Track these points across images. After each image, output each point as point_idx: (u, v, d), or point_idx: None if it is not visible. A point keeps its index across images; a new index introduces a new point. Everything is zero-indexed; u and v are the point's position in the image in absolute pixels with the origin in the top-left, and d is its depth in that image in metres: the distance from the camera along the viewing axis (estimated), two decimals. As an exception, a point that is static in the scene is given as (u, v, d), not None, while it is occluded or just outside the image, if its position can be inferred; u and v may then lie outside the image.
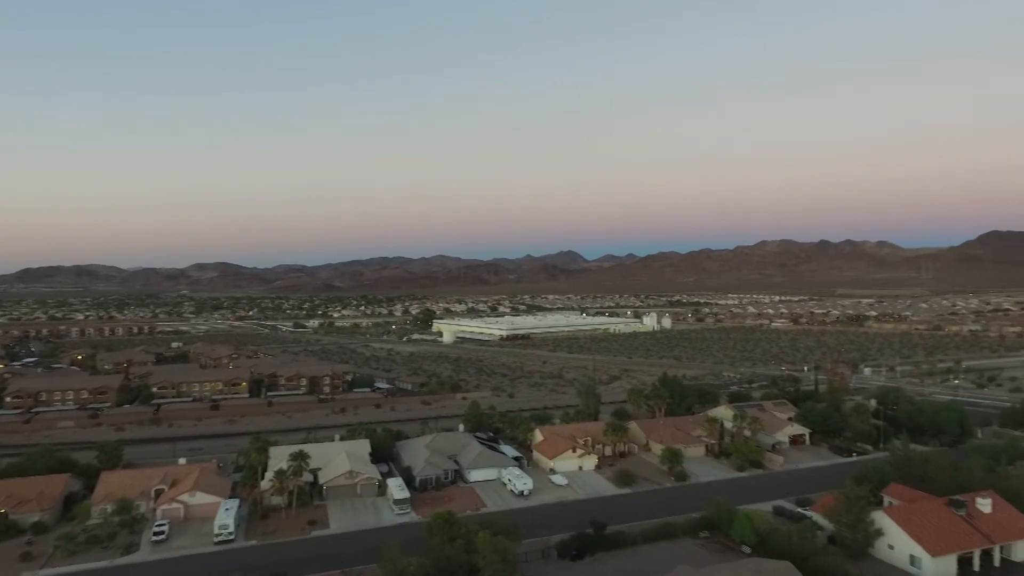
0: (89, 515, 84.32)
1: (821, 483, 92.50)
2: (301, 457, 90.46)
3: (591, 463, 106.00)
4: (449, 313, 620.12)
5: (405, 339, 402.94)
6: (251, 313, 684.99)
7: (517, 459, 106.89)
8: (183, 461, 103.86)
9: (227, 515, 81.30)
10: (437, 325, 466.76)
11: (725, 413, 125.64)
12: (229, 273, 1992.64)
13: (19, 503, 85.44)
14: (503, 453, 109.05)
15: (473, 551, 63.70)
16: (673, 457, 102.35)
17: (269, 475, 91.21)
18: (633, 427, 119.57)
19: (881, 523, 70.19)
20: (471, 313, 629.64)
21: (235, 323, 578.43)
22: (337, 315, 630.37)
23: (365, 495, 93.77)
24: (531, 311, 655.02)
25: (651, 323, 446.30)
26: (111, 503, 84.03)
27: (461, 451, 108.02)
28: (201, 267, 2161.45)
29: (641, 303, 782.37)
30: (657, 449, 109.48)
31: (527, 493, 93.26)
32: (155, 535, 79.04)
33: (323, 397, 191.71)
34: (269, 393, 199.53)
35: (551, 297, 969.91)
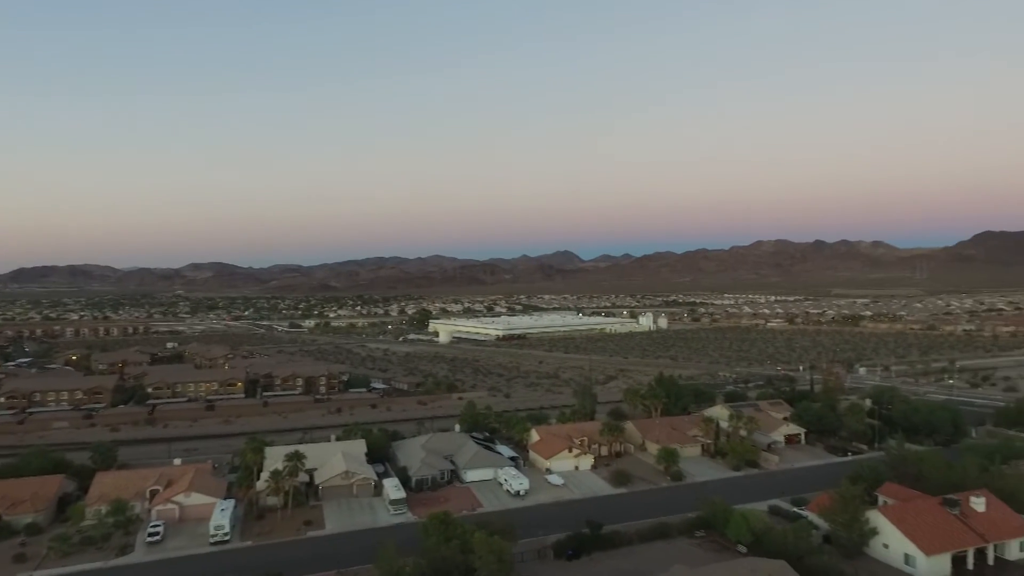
0: (83, 516, 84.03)
1: (816, 482, 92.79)
2: (297, 457, 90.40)
3: (587, 463, 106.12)
4: (445, 313, 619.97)
5: (401, 339, 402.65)
6: (247, 313, 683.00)
7: (513, 459, 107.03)
8: (178, 462, 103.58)
9: (223, 516, 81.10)
10: (433, 325, 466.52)
11: (721, 413, 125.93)
12: (224, 273, 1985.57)
13: (13, 504, 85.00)
14: (499, 453, 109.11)
15: (469, 551, 63.72)
16: (669, 457, 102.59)
17: (265, 476, 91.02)
18: (629, 427, 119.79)
19: (876, 522, 70.49)
20: (467, 313, 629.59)
21: (231, 323, 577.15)
22: (333, 315, 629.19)
23: (361, 495, 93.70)
24: (527, 311, 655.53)
25: (647, 323, 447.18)
26: (106, 504, 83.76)
27: (457, 451, 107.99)
28: (196, 267, 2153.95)
29: (637, 303, 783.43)
30: (653, 449, 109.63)
31: (523, 493, 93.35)
32: (150, 536, 78.79)
33: (319, 397, 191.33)
34: (265, 393, 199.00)
35: (547, 297, 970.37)
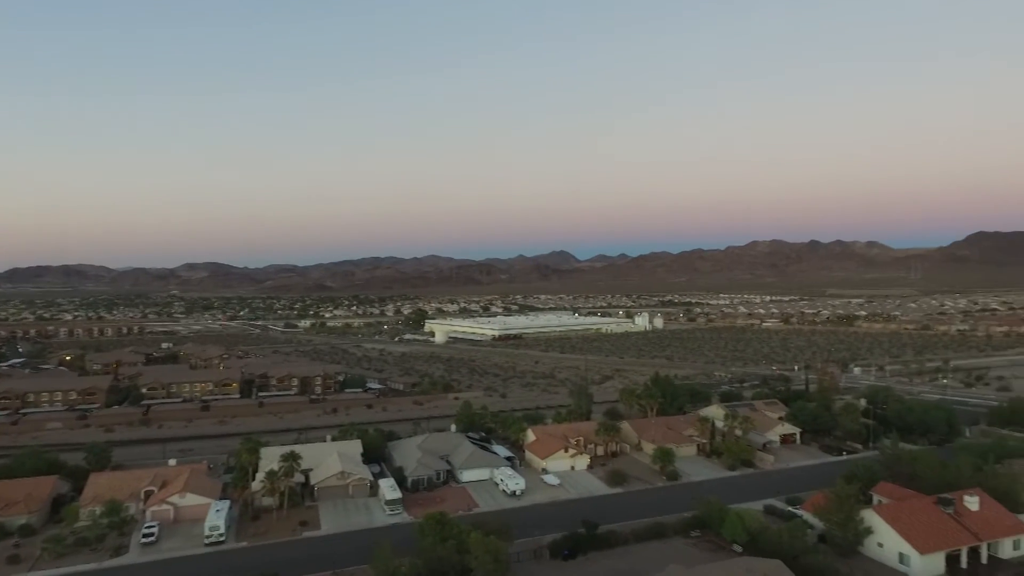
0: (77, 517, 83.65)
1: (811, 482, 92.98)
2: (292, 458, 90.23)
3: (583, 463, 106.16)
4: (441, 313, 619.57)
5: (397, 339, 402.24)
6: (242, 313, 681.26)
7: (509, 459, 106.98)
8: (173, 462, 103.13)
9: (218, 516, 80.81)
10: (429, 325, 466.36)
11: (716, 412, 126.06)
12: (219, 273, 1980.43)
13: (6, 505, 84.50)
14: (495, 453, 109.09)
15: (465, 551, 63.72)
16: (665, 456, 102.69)
17: (260, 476, 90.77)
18: (625, 427, 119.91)
19: (871, 521, 70.73)
20: (463, 313, 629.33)
21: (226, 323, 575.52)
22: (329, 315, 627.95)
23: (357, 496, 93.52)
24: (523, 311, 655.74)
25: (643, 323, 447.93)
26: (100, 505, 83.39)
27: (453, 451, 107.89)
28: (191, 267, 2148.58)
29: (633, 303, 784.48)
30: (649, 449, 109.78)
31: (519, 493, 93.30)
32: (144, 537, 78.47)
33: (314, 397, 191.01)
34: (260, 394, 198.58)
35: (543, 297, 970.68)
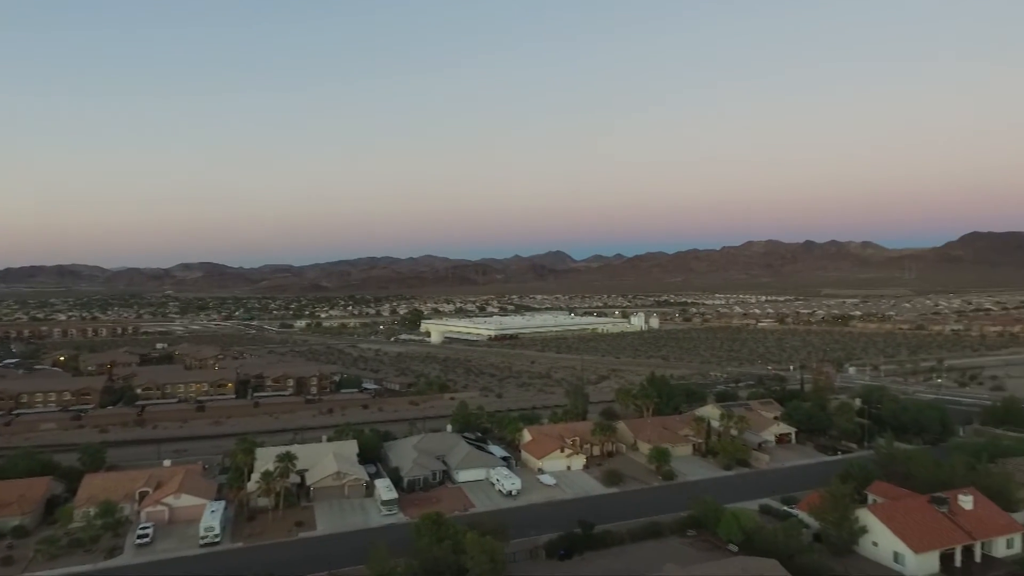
0: (71, 518, 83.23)
1: (807, 481, 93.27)
2: (288, 458, 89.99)
3: (579, 463, 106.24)
4: (437, 313, 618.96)
5: (393, 339, 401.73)
6: (237, 313, 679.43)
7: (505, 459, 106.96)
8: (168, 463, 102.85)
9: (213, 517, 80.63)
10: (425, 325, 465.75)
11: (712, 412, 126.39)
12: (214, 273, 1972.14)
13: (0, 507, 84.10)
14: (491, 453, 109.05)
15: (461, 552, 63.71)
16: (661, 456, 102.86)
17: (255, 477, 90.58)
18: (621, 427, 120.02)
19: (865, 520, 70.99)
20: (459, 313, 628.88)
21: (221, 323, 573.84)
22: (324, 315, 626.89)
23: (353, 496, 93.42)
24: (519, 311, 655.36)
25: (639, 323, 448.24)
26: (94, 506, 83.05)
27: (449, 451, 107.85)
28: (186, 267, 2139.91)
29: (629, 303, 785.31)
30: (645, 448, 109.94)
31: (515, 493, 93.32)
32: (139, 538, 78.18)
33: (310, 398, 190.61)
34: (255, 394, 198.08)
35: (539, 297, 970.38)
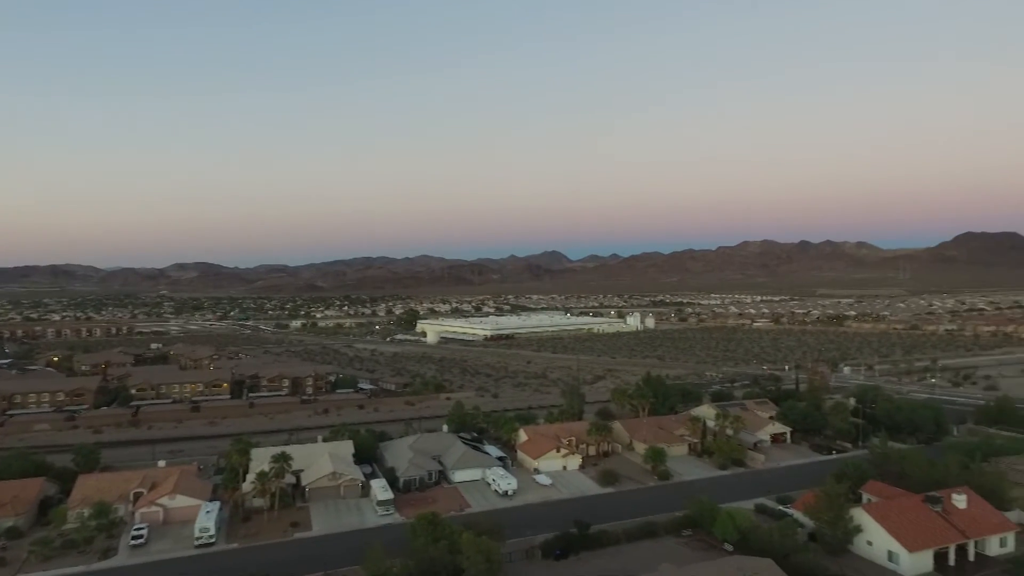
0: (65, 519, 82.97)
1: (802, 481, 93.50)
2: (283, 459, 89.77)
3: (575, 463, 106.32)
4: (433, 313, 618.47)
5: (389, 339, 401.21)
6: (232, 313, 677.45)
7: (501, 459, 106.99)
8: (163, 464, 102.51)
9: (208, 518, 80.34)
10: (421, 325, 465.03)
11: (708, 412, 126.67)
12: (209, 273, 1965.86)
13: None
14: (487, 453, 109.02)
15: (457, 552, 63.69)
16: (656, 456, 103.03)
17: (251, 477, 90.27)
18: (617, 427, 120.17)
19: (860, 520, 71.25)
20: (455, 313, 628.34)
21: (216, 323, 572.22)
22: (320, 315, 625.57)
23: (348, 496, 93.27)
24: (515, 311, 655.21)
25: (634, 323, 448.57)
26: (88, 507, 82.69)
27: (445, 452, 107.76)
28: (181, 267, 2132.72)
29: (625, 303, 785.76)
30: (640, 448, 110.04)
31: (511, 493, 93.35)
32: (134, 539, 77.90)
33: (306, 398, 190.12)
34: (251, 394, 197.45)
35: (535, 297, 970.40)
